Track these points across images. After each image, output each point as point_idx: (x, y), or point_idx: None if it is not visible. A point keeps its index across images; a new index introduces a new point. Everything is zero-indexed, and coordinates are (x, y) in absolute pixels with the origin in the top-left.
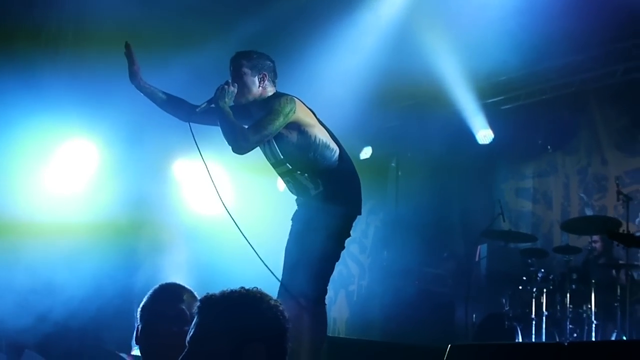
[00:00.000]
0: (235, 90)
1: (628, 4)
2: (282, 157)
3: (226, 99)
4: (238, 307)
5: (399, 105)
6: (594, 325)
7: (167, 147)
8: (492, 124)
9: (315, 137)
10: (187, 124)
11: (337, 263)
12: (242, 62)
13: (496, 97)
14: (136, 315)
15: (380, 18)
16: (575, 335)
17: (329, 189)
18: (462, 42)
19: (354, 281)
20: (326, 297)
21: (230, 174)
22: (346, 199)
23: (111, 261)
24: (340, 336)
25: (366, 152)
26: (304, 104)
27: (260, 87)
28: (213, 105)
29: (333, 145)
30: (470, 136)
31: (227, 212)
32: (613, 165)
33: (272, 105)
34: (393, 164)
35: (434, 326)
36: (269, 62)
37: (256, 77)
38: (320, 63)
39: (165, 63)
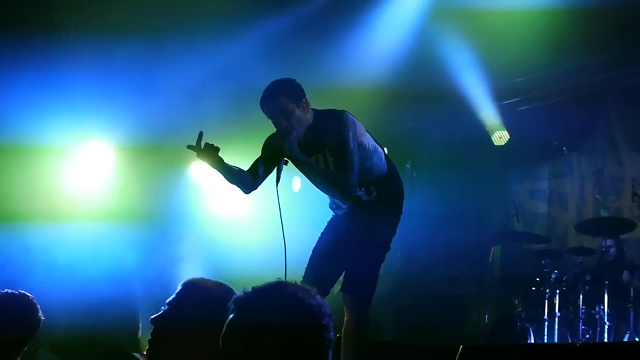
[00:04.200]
0: (296, 133)
1: None
2: None
3: (296, 148)
4: (257, 298)
5: (414, 106)
6: (606, 327)
7: (184, 150)
8: (508, 125)
9: (368, 145)
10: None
11: None
12: (283, 100)
13: (512, 99)
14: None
15: (396, 17)
16: (587, 336)
17: (381, 195)
18: (479, 43)
19: None
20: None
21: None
22: (396, 202)
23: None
24: None
25: None
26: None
27: (308, 113)
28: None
29: (380, 149)
30: (486, 137)
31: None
32: (629, 166)
33: (340, 134)
34: (408, 165)
35: (446, 327)
36: (298, 84)
37: (302, 107)
38: (335, 63)
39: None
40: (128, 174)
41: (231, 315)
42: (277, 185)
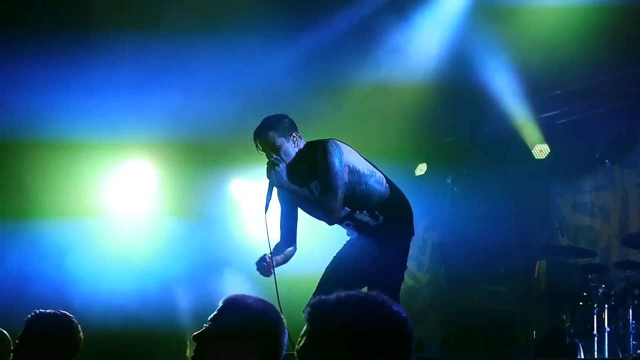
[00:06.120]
0: (284, 165)
1: None
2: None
3: (285, 178)
4: (356, 312)
5: (453, 120)
6: None
7: (225, 167)
8: (548, 139)
9: (362, 170)
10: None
11: None
12: (272, 135)
13: (552, 112)
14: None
15: (434, 32)
16: (639, 351)
17: (388, 218)
18: (518, 56)
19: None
20: None
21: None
22: (404, 223)
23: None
24: None
25: (421, 169)
26: (340, 140)
27: (297, 147)
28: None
29: (378, 173)
30: (526, 151)
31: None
32: None
33: (323, 161)
34: (449, 180)
35: (494, 343)
36: (288, 119)
37: (290, 141)
38: (374, 80)
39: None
40: (167, 190)
41: (306, 326)
42: (265, 213)
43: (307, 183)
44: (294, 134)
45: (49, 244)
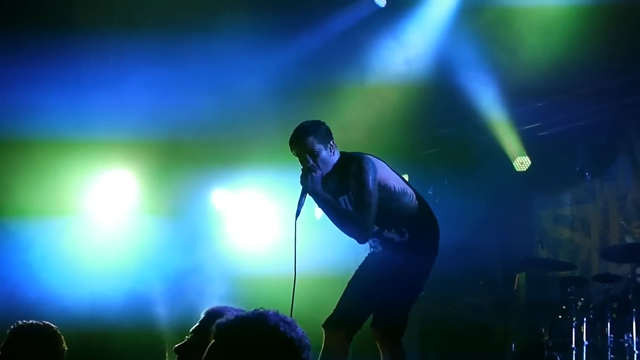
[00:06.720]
0: (321, 172)
1: None
2: None
3: (319, 186)
4: (241, 327)
5: (435, 132)
6: (635, 355)
7: (206, 177)
8: (529, 151)
9: (394, 187)
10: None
11: None
12: (311, 140)
13: (533, 124)
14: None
15: (417, 43)
16: None
17: (414, 236)
18: (499, 67)
19: None
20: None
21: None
22: (429, 241)
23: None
24: None
25: None
26: (373, 155)
27: (333, 155)
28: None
29: (409, 190)
30: (507, 163)
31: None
32: None
33: (358, 178)
34: (430, 192)
35: (473, 356)
36: (325, 126)
37: (328, 149)
38: (355, 89)
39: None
40: (148, 200)
41: (213, 341)
42: (296, 219)
43: (336, 197)
44: (331, 142)
45: (16, 245)
